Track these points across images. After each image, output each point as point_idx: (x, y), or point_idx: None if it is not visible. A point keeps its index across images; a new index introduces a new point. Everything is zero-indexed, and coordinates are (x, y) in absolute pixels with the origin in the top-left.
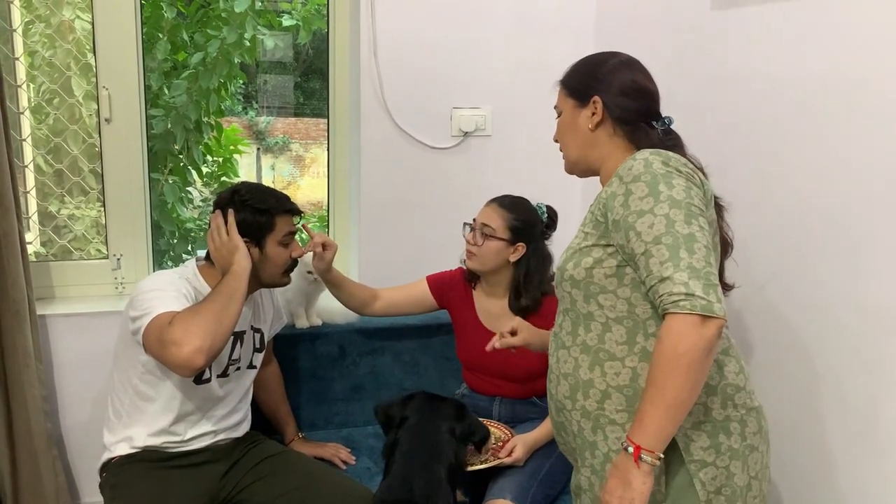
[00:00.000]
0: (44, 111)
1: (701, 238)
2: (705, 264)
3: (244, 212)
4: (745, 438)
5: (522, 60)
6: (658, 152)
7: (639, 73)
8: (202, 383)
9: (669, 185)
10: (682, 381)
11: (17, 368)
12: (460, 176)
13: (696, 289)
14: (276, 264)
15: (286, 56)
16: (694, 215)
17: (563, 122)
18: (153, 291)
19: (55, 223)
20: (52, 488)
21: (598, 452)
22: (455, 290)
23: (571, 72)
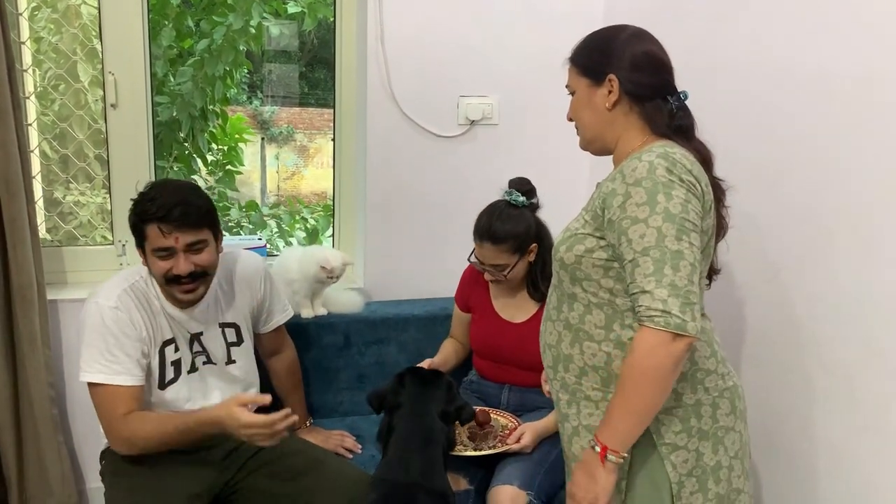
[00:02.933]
0: (49, 97)
1: (689, 255)
2: (687, 282)
3: (131, 211)
4: (717, 420)
5: (530, 48)
6: (665, 155)
7: (651, 45)
8: (167, 385)
9: (668, 195)
10: (649, 392)
11: (24, 354)
12: (467, 165)
13: (673, 307)
14: (156, 274)
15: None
16: (686, 231)
17: (578, 101)
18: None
19: (60, 209)
20: (57, 474)
21: (567, 425)
22: (472, 288)
23: (582, 48)
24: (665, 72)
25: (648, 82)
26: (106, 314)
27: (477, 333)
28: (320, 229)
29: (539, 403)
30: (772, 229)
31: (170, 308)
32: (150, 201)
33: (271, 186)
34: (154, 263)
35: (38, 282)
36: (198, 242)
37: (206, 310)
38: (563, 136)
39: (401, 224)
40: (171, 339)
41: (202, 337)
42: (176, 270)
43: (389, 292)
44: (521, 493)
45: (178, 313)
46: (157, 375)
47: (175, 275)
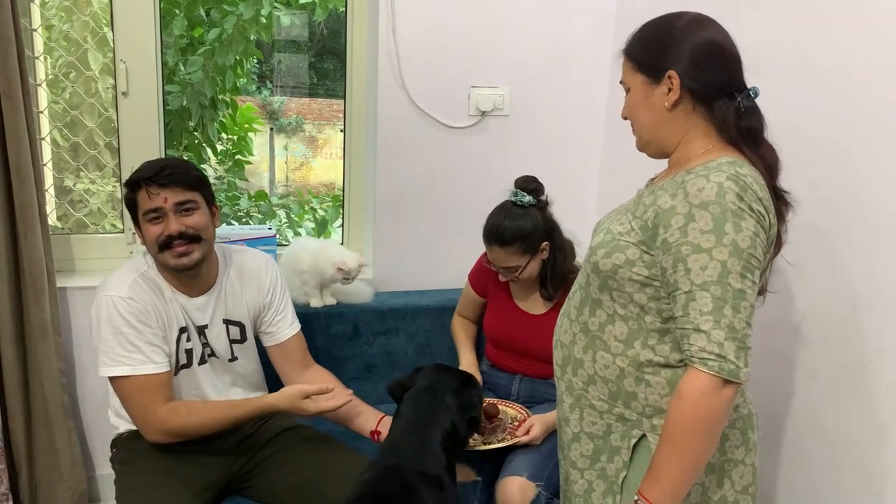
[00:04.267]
0: (60, 85)
1: (751, 296)
2: (745, 325)
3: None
4: (725, 453)
5: (542, 38)
6: (737, 178)
7: (715, 33)
8: (180, 370)
9: (738, 227)
10: (702, 444)
11: (35, 341)
12: (478, 156)
13: (729, 351)
14: (148, 242)
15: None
16: (751, 269)
17: (634, 99)
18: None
19: (70, 197)
20: (67, 460)
21: (567, 430)
22: (491, 274)
23: (637, 40)
24: (732, 65)
25: (713, 79)
26: (120, 306)
27: (492, 321)
28: (329, 220)
29: (549, 396)
30: None
31: (180, 297)
32: (137, 171)
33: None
34: (147, 231)
35: (48, 269)
36: (187, 202)
37: (213, 301)
38: (575, 126)
39: (410, 215)
40: (185, 328)
41: (207, 331)
42: (166, 231)
43: (398, 283)
44: (529, 484)
45: (188, 301)
46: (173, 361)
47: (167, 236)
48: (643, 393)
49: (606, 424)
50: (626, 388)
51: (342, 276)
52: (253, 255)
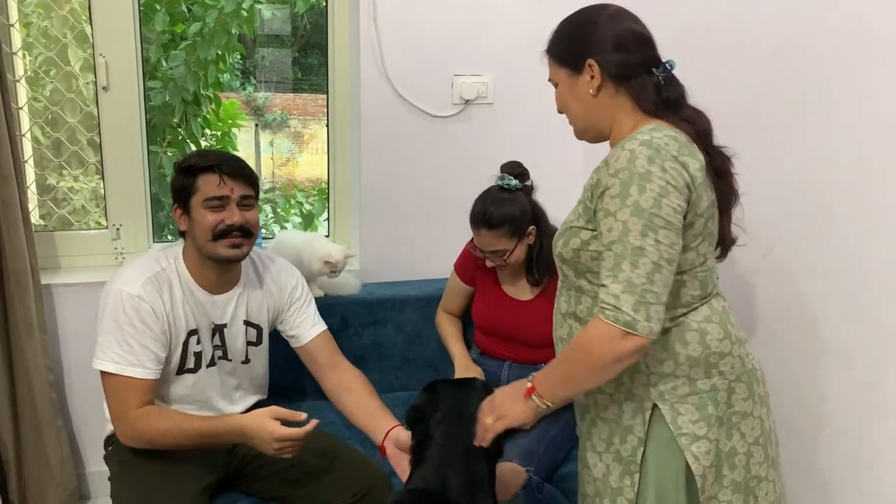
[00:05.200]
0: (40, 81)
1: (652, 253)
2: (646, 281)
3: (175, 174)
4: (732, 405)
5: (525, 26)
6: (649, 142)
7: (627, 21)
8: (184, 372)
9: (642, 188)
10: (585, 373)
11: (21, 339)
12: (462, 145)
13: (625, 303)
14: (203, 229)
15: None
16: (654, 227)
17: (563, 93)
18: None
19: (54, 194)
20: (56, 458)
21: (587, 416)
22: (477, 262)
23: (556, 38)
24: (645, 46)
25: (629, 60)
26: (127, 303)
27: (481, 308)
28: (315, 213)
29: None
30: (769, 202)
31: (199, 293)
32: (200, 157)
33: (266, 173)
34: (203, 217)
35: (32, 267)
36: (249, 197)
37: (235, 300)
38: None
39: (396, 205)
40: (195, 330)
41: (225, 330)
42: (229, 220)
43: (386, 274)
44: (520, 469)
45: (208, 299)
46: (178, 363)
47: (228, 226)
48: (642, 362)
49: (618, 406)
50: None
51: (329, 270)
52: (278, 262)
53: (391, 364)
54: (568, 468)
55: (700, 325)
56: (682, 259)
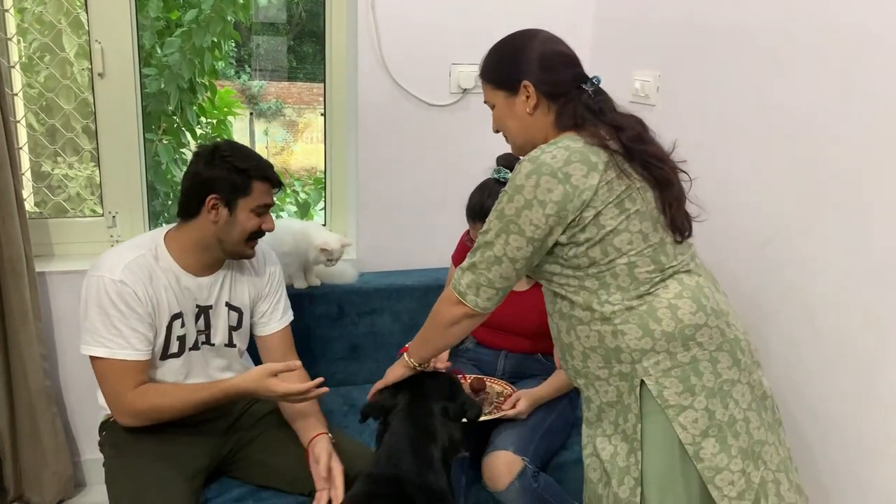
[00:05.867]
0: (35, 68)
1: (497, 249)
2: (484, 267)
3: (221, 168)
4: (720, 374)
5: (522, 14)
6: (535, 158)
7: (553, 44)
8: (168, 357)
9: (511, 199)
10: (432, 332)
11: (15, 326)
12: (460, 134)
13: (463, 279)
14: (243, 230)
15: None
16: (507, 231)
17: (500, 114)
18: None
19: (48, 182)
20: (51, 446)
21: (592, 405)
22: None
23: (490, 64)
24: (573, 65)
25: (559, 78)
26: (110, 288)
27: None
28: (311, 202)
29: (534, 371)
30: (766, 193)
31: (183, 276)
32: (252, 159)
33: None
34: (248, 219)
35: (26, 254)
36: None
37: (220, 282)
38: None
39: (393, 195)
40: (179, 314)
41: (210, 311)
42: (266, 226)
43: (382, 263)
44: (516, 458)
45: (193, 281)
46: (162, 347)
47: (261, 231)
48: (623, 342)
49: (615, 388)
50: (610, 346)
51: (325, 258)
52: (259, 247)
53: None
54: (563, 457)
55: (671, 302)
56: (619, 241)
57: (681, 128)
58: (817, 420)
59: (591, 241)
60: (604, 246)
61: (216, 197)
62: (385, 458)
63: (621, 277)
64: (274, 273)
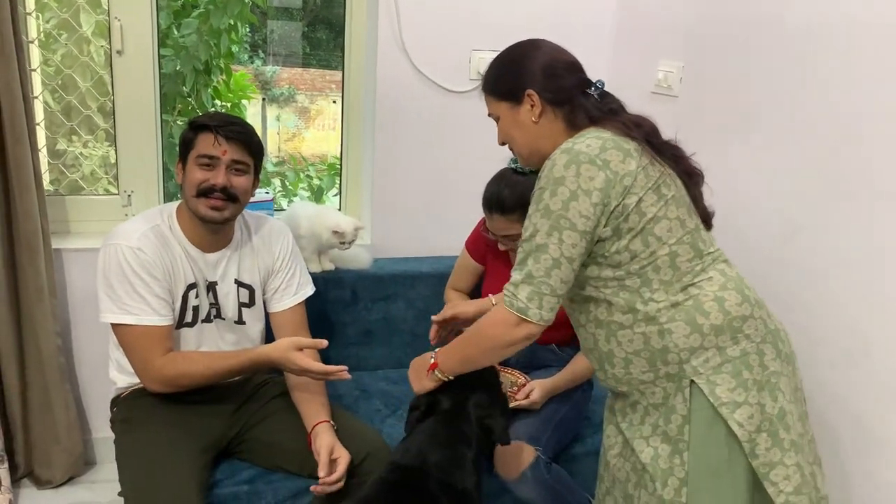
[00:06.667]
0: (52, 46)
1: (553, 251)
2: (544, 275)
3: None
4: (767, 367)
5: (544, 2)
6: (570, 149)
7: (554, 52)
8: (181, 327)
9: (553, 192)
10: (478, 354)
11: (30, 302)
12: (478, 121)
13: (521, 292)
14: (190, 184)
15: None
16: (559, 228)
17: (505, 125)
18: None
19: (63, 159)
20: (63, 422)
21: (639, 407)
22: (489, 243)
23: (492, 77)
24: (576, 70)
25: (564, 85)
26: (128, 255)
27: (491, 289)
28: (325, 188)
29: (548, 361)
30: (788, 187)
31: (192, 250)
32: (207, 116)
33: (272, 147)
34: (192, 172)
35: (43, 230)
36: (241, 163)
37: (226, 260)
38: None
39: (409, 180)
40: (194, 284)
41: (217, 287)
42: (213, 180)
43: (397, 249)
44: (529, 448)
45: (201, 256)
46: (178, 316)
47: (210, 185)
48: (671, 342)
49: (662, 389)
50: (657, 347)
51: (339, 241)
52: (270, 223)
53: (400, 340)
54: (575, 449)
55: (717, 294)
56: (659, 229)
57: (703, 119)
58: (838, 416)
59: (633, 231)
60: (644, 236)
61: (179, 160)
62: (414, 450)
63: (663, 270)
64: (285, 248)
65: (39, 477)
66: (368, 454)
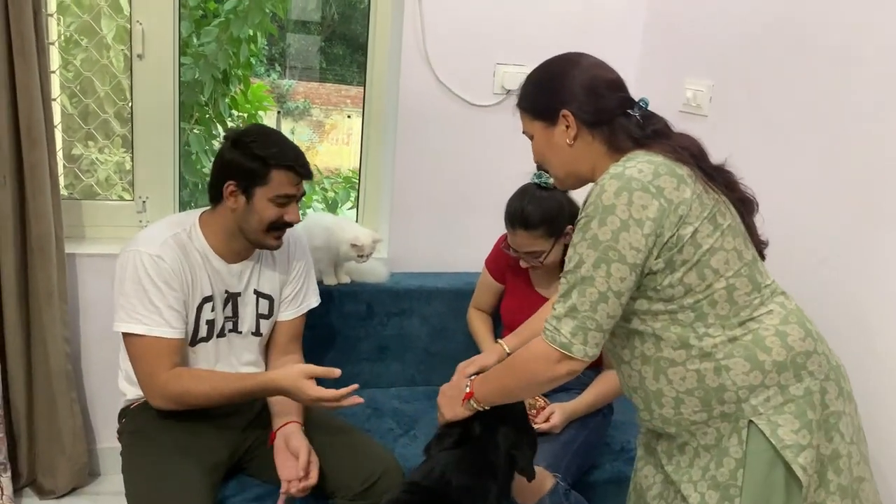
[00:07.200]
0: (71, 51)
1: (600, 284)
2: (589, 309)
3: (240, 153)
4: (827, 406)
5: (570, 15)
6: (620, 175)
7: (594, 69)
8: (198, 342)
9: (602, 221)
10: (516, 387)
11: (39, 306)
12: (500, 136)
13: (564, 327)
14: (261, 220)
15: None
16: (608, 260)
17: (539, 145)
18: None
19: (79, 164)
20: (68, 431)
21: (688, 448)
22: (510, 258)
23: (527, 93)
24: (616, 89)
25: (603, 106)
26: (147, 263)
27: (511, 309)
28: (339, 201)
29: (568, 384)
30: (822, 208)
31: (215, 260)
32: (274, 146)
33: None
34: (266, 209)
35: (56, 234)
36: (303, 195)
37: (249, 270)
38: None
39: (428, 194)
40: (210, 297)
41: (239, 298)
42: (288, 217)
43: (414, 263)
44: (548, 474)
45: (224, 266)
46: (192, 332)
47: (285, 221)
48: (728, 379)
49: (715, 430)
50: (712, 385)
51: (356, 253)
52: (289, 233)
53: (414, 357)
54: (594, 476)
55: (779, 328)
56: (716, 261)
57: (734, 140)
58: (881, 446)
59: (687, 263)
60: (700, 269)
61: (233, 184)
62: (438, 473)
63: (720, 305)
64: (302, 259)
65: (42, 486)
66: (382, 475)
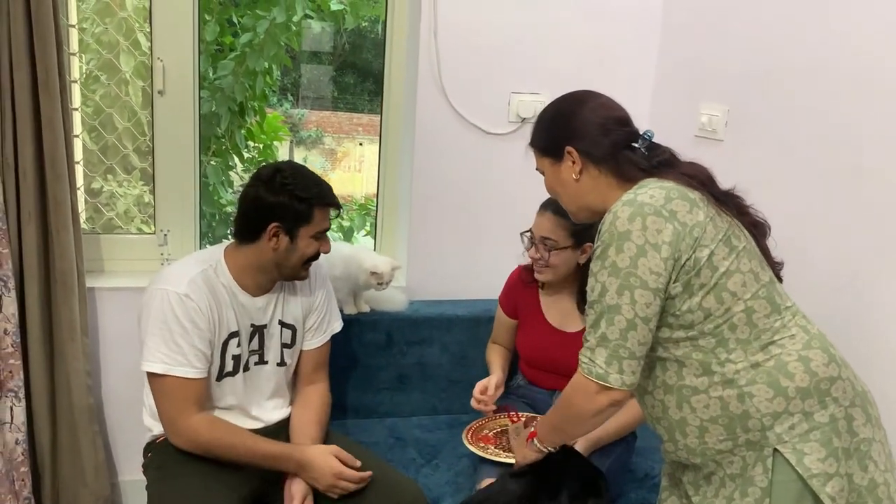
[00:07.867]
0: (91, 87)
1: (626, 311)
2: (619, 337)
3: (283, 195)
4: (856, 434)
5: (584, 44)
6: (632, 201)
7: (600, 108)
8: (224, 377)
9: (619, 248)
10: (564, 423)
11: (63, 340)
12: (516, 164)
13: (598, 357)
14: (303, 256)
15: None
16: (630, 286)
17: (549, 181)
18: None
19: (99, 199)
20: (91, 464)
21: (714, 478)
22: (520, 293)
23: (536, 131)
24: (621, 125)
25: (609, 141)
26: (174, 302)
27: (526, 341)
28: (355, 228)
29: None
30: (840, 235)
31: (241, 295)
32: (314, 185)
33: None
34: (308, 245)
35: (78, 268)
36: None
37: (274, 302)
38: None
39: (446, 223)
40: (236, 332)
41: (265, 331)
42: (323, 249)
43: (433, 291)
44: None
45: (250, 301)
46: (217, 367)
47: (317, 253)
48: (752, 406)
49: (741, 459)
50: (736, 413)
51: (376, 282)
52: None
53: (435, 386)
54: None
55: (801, 353)
56: (733, 284)
57: (750, 165)
58: None
59: (705, 287)
60: (718, 292)
61: (278, 225)
62: None
63: (740, 328)
64: (324, 287)
65: None
66: None
